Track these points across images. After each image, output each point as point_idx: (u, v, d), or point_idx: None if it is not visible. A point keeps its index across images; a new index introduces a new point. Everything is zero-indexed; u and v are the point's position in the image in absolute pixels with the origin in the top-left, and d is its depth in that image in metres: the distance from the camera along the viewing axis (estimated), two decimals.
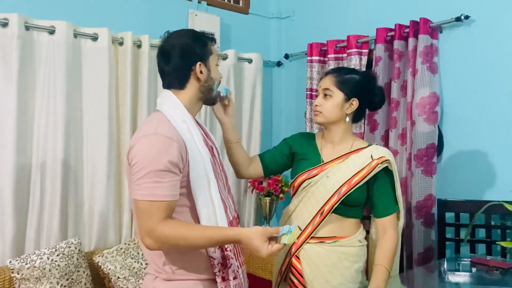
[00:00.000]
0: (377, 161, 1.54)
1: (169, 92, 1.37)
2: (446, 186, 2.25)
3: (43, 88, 2.11)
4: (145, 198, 1.20)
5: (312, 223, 1.57)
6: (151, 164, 1.20)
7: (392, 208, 1.59)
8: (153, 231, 1.20)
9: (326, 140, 1.66)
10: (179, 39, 1.35)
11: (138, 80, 2.38)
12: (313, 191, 1.58)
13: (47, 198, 2.11)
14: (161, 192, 1.20)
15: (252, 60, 2.84)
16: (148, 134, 1.25)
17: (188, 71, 1.34)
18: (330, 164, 1.59)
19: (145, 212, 1.21)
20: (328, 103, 1.57)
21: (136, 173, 1.22)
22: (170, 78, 1.36)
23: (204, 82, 1.37)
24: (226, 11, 2.92)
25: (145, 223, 1.21)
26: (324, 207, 1.55)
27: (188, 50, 1.34)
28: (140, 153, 1.23)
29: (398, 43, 2.32)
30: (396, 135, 2.35)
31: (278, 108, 3.20)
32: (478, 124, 2.15)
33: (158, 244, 1.21)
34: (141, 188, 1.21)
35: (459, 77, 2.22)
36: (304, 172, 1.61)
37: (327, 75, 1.62)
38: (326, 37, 2.70)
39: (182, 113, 1.33)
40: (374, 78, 1.69)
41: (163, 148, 1.22)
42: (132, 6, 2.52)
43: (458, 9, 2.16)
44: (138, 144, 1.25)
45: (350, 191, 1.53)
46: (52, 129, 2.11)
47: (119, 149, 2.32)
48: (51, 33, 2.11)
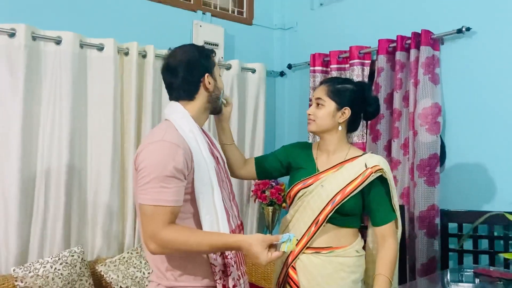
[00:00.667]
0: (371, 169, 1.54)
1: (177, 104, 1.42)
2: (448, 196, 2.25)
3: (49, 97, 2.14)
4: (149, 202, 1.23)
5: (307, 233, 1.56)
6: (157, 169, 1.23)
7: (389, 216, 1.58)
8: (157, 235, 1.23)
9: (321, 149, 1.67)
10: (185, 54, 1.41)
11: (142, 89, 2.41)
12: (309, 201, 1.58)
13: (51, 207, 2.12)
14: (165, 197, 1.23)
15: (255, 70, 2.87)
16: (155, 141, 1.29)
17: (197, 83, 1.41)
18: (325, 173, 1.60)
19: (149, 217, 1.23)
20: (320, 112, 1.58)
21: (143, 178, 1.25)
22: (179, 91, 1.41)
23: (212, 92, 1.43)
24: (230, 22, 2.95)
25: (149, 227, 1.23)
26: (319, 217, 1.55)
27: (195, 64, 1.40)
28: (147, 159, 1.26)
29: (400, 54, 2.34)
30: (398, 145, 2.36)
31: (281, 117, 3.21)
32: (481, 134, 2.16)
33: (161, 248, 1.24)
34: (146, 192, 1.24)
35: (461, 88, 2.23)
36: (300, 182, 1.62)
37: (321, 85, 1.63)
38: (328, 47, 2.72)
39: (190, 123, 1.37)
40: (369, 87, 1.69)
41: (169, 154, 1.25)
42: (137, 17, 2.56)
43: (459, 21, 2.19)
44: (145, 150, 1.28)
45: (344, 200, 1.53)
46: (57, 137, 2.13)
47: (123, 158, 2.34)
48: (57, 43, 2.14)
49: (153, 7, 2.63)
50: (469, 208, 2.16)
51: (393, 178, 1.64)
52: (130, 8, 2.54)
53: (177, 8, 2.73)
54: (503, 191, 2.08)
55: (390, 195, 1.58)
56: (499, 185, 2.10)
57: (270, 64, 3.13)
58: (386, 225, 1.57)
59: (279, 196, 2.74)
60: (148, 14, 2.60)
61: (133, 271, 2.15)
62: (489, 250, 2.06)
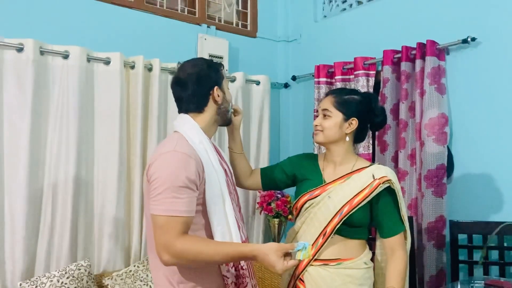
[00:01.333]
0: (379, 180, 1.53)
1: (187, 116, 1.44)
2: (457, 207, 2.23)
3: (56, 111, 2.15)
4: (163, 213, 1.23)
5: (315, 245, 1.55)
6: (169, 180, 1.24)
7: (398, 227, 1.56)
8: (171, 246, 1.22)
9: (327, 160, 1.66)
10: (194, 67, 1.44)
11: (148, 102, 2.42)
12: (316, 212, 1.57)
13: (57, 220, 2.12)
14: (179, 207, 1.23)
15: (260, 82, 2.88)
16: (167, 151, 1.30)
17: (206, 96, 1.43)
18: (332, 184, 1.59)
19: (163, 227, 1.23)
20: (327, 123, 1.58)
21: (155, 189, 1.25)
22: (189, 104, 1.44)
23: (221, 105, 1.46)
24: (234, 35, 2.98)
25: (163, 238, 1.23)
26: (326, 228, 1.53)
27: (204, 77, 1.43)
28: (159, 170, 1.27)
29: (405, 65, 2.35)
30: (405, 155, 2.35)
31: (285, 129, 3.21)
32: (488, 144, 2.15)
33: (175, 259, 1.23)
34: (159, 203, 1.24)
35: (467, 97, 2.23)
36: (306, 193, 1.61)
37: (327, 96, 1.64)
38: (333, 59, 2.73)
39: (200, 135, 1.39)
40: (375, 98, 1.69)
41: (181, 165, 1.26)
42: (143, 31, 2.58)
43: (464, 31, 2.19)
44: (157, 161, 1.29)
45: (352, 211, 1.52)
46: (64, 151, 2.14)
47: (129, 171, 2.34)
48: (65, 58, 2.16)
49: (159, 21, 2.66)
50: (477, 218, 2.14)
51: (400, 189, 1.63)
52: (136, 22, 2.56)
53: (182, 21, 2.76)
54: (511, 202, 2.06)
55: (399, 206, 1.57)
56: (507, 195, 2.08)
57: (274, 76, 3.14)
58: (394, 237, 1.56)
59: (285, 208, 2.72)
60: (153, 28, 2.62)
61: (140, 284, 2.14)
62: (499, 261, 2.04)
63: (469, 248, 2.11)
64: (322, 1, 3.04)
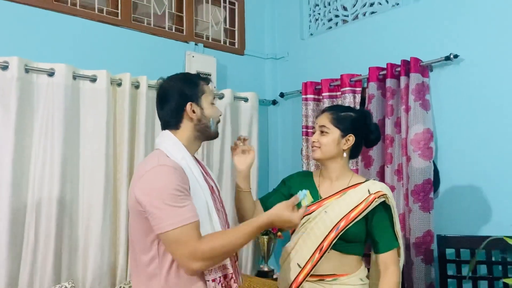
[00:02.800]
0: (374, 195, 1.54)
1: (167, 132, 1.42)
2: (444, 221, 2.24)
3: (41, 129, 2.12)
4: (175, 226, 1.21)
5: (311, 260, 1.54)
6: (164, 193, 1.23)
7: (392, 243, 1.57)
8: (197, 252, 1.22)
9: (324, 176, 1.67)
10: (169, 82, 1.43)
11: (135, 120, 2.41)
12: (312, 227, 1.57)
13: (41, 240, 2.07)
14: (185, 215, 1.23)
15: (248, 99, 2.89)
16: (151, 167, 1.28)
17: (180, 112, 1.40)
18: (328, 200, 1.60)
19: (180, 240, 1.21)
20: (325, 139, 1.60)
21: (153, 207, 1.22)
22: (164, 120, 1.43)
23: (198, 121, 1.42)
24: (222, 52, 3.00)
25: (185, 249, 1.22)
26: (323, 243, 1.53)
27: (177, 92, 1.40)
28: (149, 187, 1.25)
29: (390, 81, 2.38)
30: (392, 171, 2.36)
31: (274, 145, 3.22)
32: (473, 159, 2.17)
33: (206, 261, 1.23)
34: (164, 219, 1.21)
35: (451, 113, 2.26)
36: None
37: (324, 113, 1.66)
38: (320, 76, 2.76)
39: (181, 151, 1.37)
40: (370, 115, 1.73)
41: (170, 175, 1.26)
42: (130, 48, 2.58)
43: (447, 48, 2.24)
44: (143, 179, 1.27)
45: (348, 226, 1.52)
46: (48, 169, 2.10)
47: (115, 189, 2.31)
48: (50, 75, 2.14)
49: (146, 38, 2.67)
50: (464, 233, 2.15)
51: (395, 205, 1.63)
52: (123, 39, 2.57)
53: (170, 39, 2.77)
54: (498, 215, 2.08)
55: (393, 222, 1.58)
56: (493, 209, 2.10)
57: (262, 93, 3.16)
58: (388, 253, 1.56)
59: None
60: (141, 46, 2.63)
61: None
62: (488, 276, 2.04)
63: (457, 263, 2.11)
64: (309, 20, 3.09)
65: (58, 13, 2.35)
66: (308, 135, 2.77)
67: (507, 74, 2.08)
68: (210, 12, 3.03)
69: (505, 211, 2.05)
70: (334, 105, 1.94)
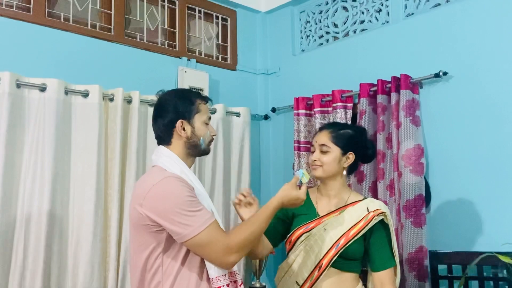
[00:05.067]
0: (373, 213, 1.55)
1: (162, 147, 1.43)
2: (436, 237, 2.25)
3: (32, 144, 2.10)
4: (201, 229, 1.27)
5: (310, 278, 1.54)
6: (179, 201, 1.27)
7: (389, 262, 1.57)
8: (229, 246, 1.29)
9: (322, 194, 1.67)
10: (165, 97, 1.45)
11: (127, 135, 2.40)
12: (311, 245, 1.57)
13: (30, 257, 2.02)
14: (205, 216, 1.29)
15: (240, 114, 2.90)
16: (159, 181, 1.31)
17: (170, 128, 1.42)
18: (326, 217, 1.60)
19: (210, 241, 1.27)
20: (326, 158, 1.61)
21: (173, 219, 1.26)
22: (157, 135, 1.45)
23: (188, 139, 1.42)
24: (214, 68, 3.01)
25: (219, 246, 1.28)
26: (322, 261, 1.53)
27: (169, 109, 1.42)
28: (161, 199, 1.28)
29: (381, 98, 2.41)
30: (384, 186, 2.38)
31: (266, 160, 3.22)
32: (463, 174, 2.20)
33: (240, 252, 1.32)
34: (189, 225, 1.26)
35: (441, 129, 2.29)
36: (301, 226, 1.61)
37: (322, 131, 1.66)
38: (311, 91, 2.79)
39: (179, 164, 1.39)
40: (366, 132, 1.76)
41: (179, 185, 1.31)
42: (123, 63, 2.59)
43: (436, 65, 2.28)
44: (151, 193, 1.29)
45: (348, 243, 1.53)
46: (38, 185, 2.07)
47: (106, 205, 2.28)
48: (42, 90, 2.13)
49: (139, 53, 2.67)
50: (455, 248, 2.16)
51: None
52: (116, 55, 2.57)
53: (163, 54, 2.78)
54: (489, 231, 2.09)
55: (391, 241, 1.58)
56: (485, 224, 2.11)
57: (254, 107, 3.17)
58: (384, 271, 1.56)
59: None
60: (133, 61, 2.63)
61: None
62: None
63: (449, 279, 2.12)
64: (300, 36, 3.13)
65: (51, 28, 2.35)
66: (300, 150, 2.77)
67: (495, 90, 2.12)
68: (203, 28, 3.05)
69: (496, 226, 2.07)
70: (331, 123, 1.95)
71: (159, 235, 1.31)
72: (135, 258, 1.36)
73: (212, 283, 1.32)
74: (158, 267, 1.31)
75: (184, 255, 1.33)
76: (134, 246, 1.36)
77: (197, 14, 3.03)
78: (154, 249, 1.31)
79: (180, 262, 1.32)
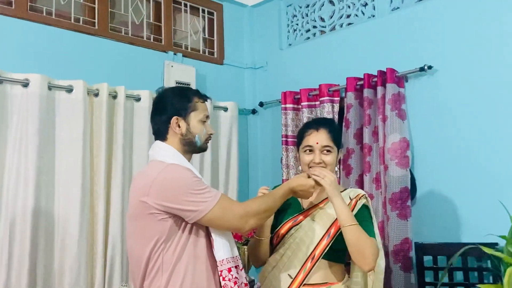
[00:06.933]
0: (355, 199, 1.59)
1: (159, 142, 1.46)
2: (421, 229, 2.28)
3: (15, 140, 2.07)
4: (214, 202, 1.32)
5: (303, 270, 1.55)
6: (187, 183, 1.32)
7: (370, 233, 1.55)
8: (246, 210, 1.36)
9: None
10: (163, 93, 1.49)
11: (113, 131, 2.37)
12: (301, 237, 1.58)
13: (15, 256, 2.01)
14: (214, 190, 1.35)
15: (227, 109, 2.89)
16: (163, 168, 1.34)
17: (165, 124, 1.45)
18: (313, 209, 1.63)
19: (226, 209, 1.33)
20: (329, 158, 1.62)
21: (184, 199, 1.30)
22: (154, 129, 1.48)
23: (183, 136, 1.45)
24: (201, 62, 2.99)
25: (235, 213, 1.35)
26: (315, 251, 1.55)
27: (165, 105, 1.45)
28: (170, 185, 1.32)
29: (367, 91, 2.42)
30: (370, 179, 2.40)
31: (254, 154, 3.22)
32: (448, 167, 2.22)
33: (256, 217, 1.38)
34: (202, 201, 1.31)
35: (426, 122, 2.31)
36: (289, 220, 1.62)
37: (319, 131, 1.63)
38: (299, 85, 2.79)
39: (178, 157, 1.41)
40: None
41: (183, 170, 1.35)
42: (107, 58, 2.55)
43: (421, 59, 2.30)
44: (158, 182, 1.32)
45: (338, 232, 1.54)
46: (22, 182, 2.05)
47: (92, 202, 2.26)
48: (24, 86, 2.10)
49: (124, 48, 2.64)
50: (441, 240, 2.19)
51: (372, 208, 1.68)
52: (100, 49, 2.53)
53: (148, 48, 2.75)
54: (473, 222, 2.13)
55: (372, 219, 1.61)
56: (469, 216, 2.15)
57: (241, 102, 3.17)
58: None
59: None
60: (118, 55, 2.60)
61: None
62: (464, 282, 2.08)
63: (434, 270, 2.15)
64: (287, 30, 3.12)
65: (33, 23, 2.31)
66: (288, 144, 2.78)
67: (479, 84, 2.15)
68: (189, 22, 3.03)
69: (479, 218, 2.10)
70: (324, 120, 1.86)
71: (164, 224, 1.33)
72: (138, 251, 1.37)
73: (222, 264, 1.37)
74: (162, 258, 1.34)
75: (185, 245, 1.36)
76: (136, 239, 1.38)
77: (183, 8, 3.00)
78: (158, 240, 1.34)
79: (182, 252, 1.35)
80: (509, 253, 1.66)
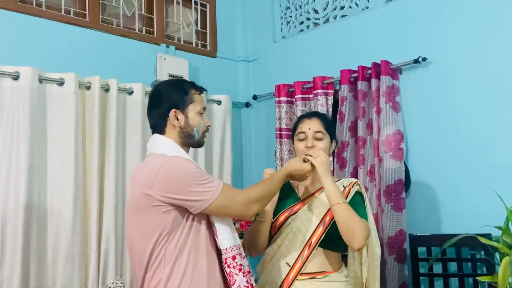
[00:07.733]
0: (349, 187, 1.62)
1: (157, 135, 1.45)
2: (415, 221, 2.29)
3: (5, 134, 2.04)
4: (218, 191, 1.34)
5: (301, 257, 1.57)
6: (189, 174, 1.33)
7: (361, 216, 1.56)
8: (248, 197, 1.39)
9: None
10: (160, 86, 1.47)
11: (105, 124, 2.34)
12: (298, 226, 1.60)
13: (7, 250, 1.99)
14: (216, 182, 1.37)
15: (221, 102, 2.87)
16: (165, 161, 1.34)
17: (163, 117, 1.44)
18: (309, 198, 1.65)
19: (230, 196, 1.37)
20: (322, 144, 1.64)
21: (189, 190, 1.32)
22: (151, 123, 1.47)
23: (182, 129, 1.44)
24: (194, 55, 2.97)
25: (238, 200, 1.38)
26: (311, 239, 1.57)
27: (162, 98, 1.44)
28: (173, 177, 1.32)
29: (361, 84, 2.42)
30: (364, 171, 2.40)
31: (248, 148, 3.21)
32: (442, 159, 2.23)
33: (259, 202, 1.42)
34: (207, 191, 1.33)
35: (420, 114, 2.32)
36: (286, 210, 1.64)
37: (312, 119, 1.67)
38: (292, 78, 2.78)
39: (177, 149, 1.41)
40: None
41: (185, 162, 1.36)
42: (99, 50, 2.52)
43: (416, 51, 2.30)
44: (160, 174, 1.32)
45: (333, 220, 1.55)
46: (14, 176, 2.02)
47: (85, 196, 2.24)
48: (15, 79, 2.06)
49: (116, 40, 2.60)
50: (435, 231, 2.20)
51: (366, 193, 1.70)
52: (92, 41, 2.50)
53: (141, 41, 2.72)
54: (467, 214, 2.14)
55: (365, 204, 1.63)
56: (463, 208, 2.16)
57: (235, 95, 3.15)
58: None
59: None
60: (110, 48, 2.57)
61: None
62: (458, 273, 2.10)
63: (428, 261, 2.16)
64: (280, 22, 3.10)
65: (23, 15, 2.26)
66: (282, 137, 2.77)
67: (473, 76, 2.15)
68: (181, 14, 2.99)
69: (473, 210, 2.11)
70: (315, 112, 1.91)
71: (167, 216, 1.34)
72: (140, 243, 1.37)
73: (226, 252, 1.39)
74: (164, 250, 1.34)
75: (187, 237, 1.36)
76: (139, 232, 1.37)
77: (175, 0, 2.96)
78: (162, 233, 1.34)
79: (184, 244, 1.36)
80: (505, 243, 1.68)
